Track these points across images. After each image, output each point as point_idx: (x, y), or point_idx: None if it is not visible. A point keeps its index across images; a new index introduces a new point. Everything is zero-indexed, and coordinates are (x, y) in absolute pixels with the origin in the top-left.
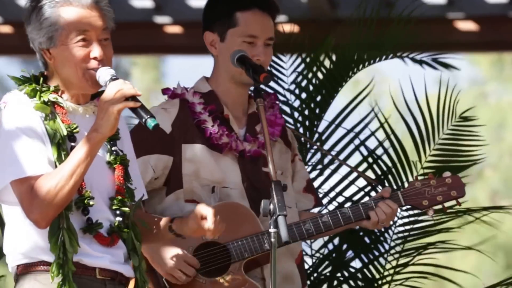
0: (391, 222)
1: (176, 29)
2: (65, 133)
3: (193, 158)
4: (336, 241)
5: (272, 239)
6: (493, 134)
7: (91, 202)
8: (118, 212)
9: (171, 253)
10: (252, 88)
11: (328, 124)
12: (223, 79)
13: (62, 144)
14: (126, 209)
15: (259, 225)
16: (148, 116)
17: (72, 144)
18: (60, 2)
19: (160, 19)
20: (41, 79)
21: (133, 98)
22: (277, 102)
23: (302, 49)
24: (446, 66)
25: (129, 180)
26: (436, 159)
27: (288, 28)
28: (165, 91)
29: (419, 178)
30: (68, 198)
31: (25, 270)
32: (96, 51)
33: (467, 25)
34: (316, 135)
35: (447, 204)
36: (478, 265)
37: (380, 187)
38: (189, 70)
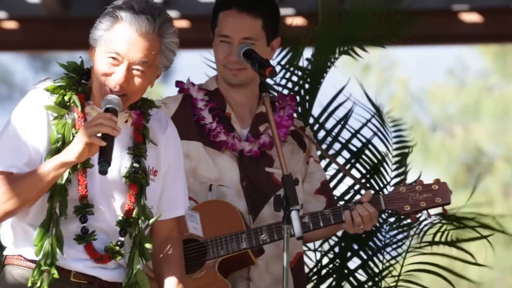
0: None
1: (184, 24)
2: (71, 138)
3: (190, 155)
4: (336, 238)
5: (285, 234)
6: (499, 125)
7: (91, 211)
8: (122, 231)
9: None
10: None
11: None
12: (220, 78)
13: (61, 150)
14: (128, 229)
15: (242, 225)
16: (102, 160)
17: None
18: (120, 16)
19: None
20: (78, 75)
21: (106, 136)
22: (292, 104)
23: (309, 42)
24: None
25: (142, 199)
26: None
27: (295, 21)
28: (177, 83)
29: (407, 183)
30: (14, 207)
31: (7, 262)
32: (117, 75)
33: (471, 17)
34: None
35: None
36: (491, 257)
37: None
38: (196, 65)
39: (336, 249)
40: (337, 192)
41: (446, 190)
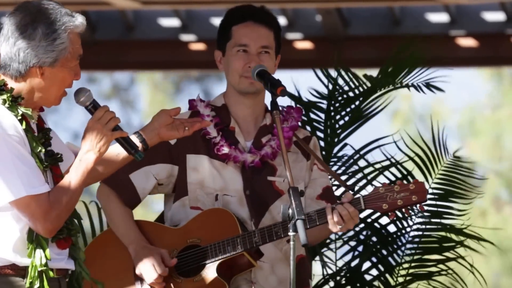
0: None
1: (200, 46)
2: (37, 144)
3: (198, 168)
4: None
5: (292, 242)
6: (494, 142)
7: None
8: None
9: (148, 254)
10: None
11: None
12: (231, 92)
13: (39, 154)
14: None
15: (238, 230)
16: (137, 148)
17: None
18: (69, 27)
19: (185, 37)
20: (9, 90)
21: (117, 127)
22: (297, 116)
23: (315, 65)
24: (437, 88)
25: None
26: (442, 182)
27: (303, 45)
28: (189, 101)
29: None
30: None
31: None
32: (79, 72)
33: (467, 42)
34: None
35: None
36: (487, 267)
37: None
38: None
39: (354, 263)
40: None
41: (423, 189)
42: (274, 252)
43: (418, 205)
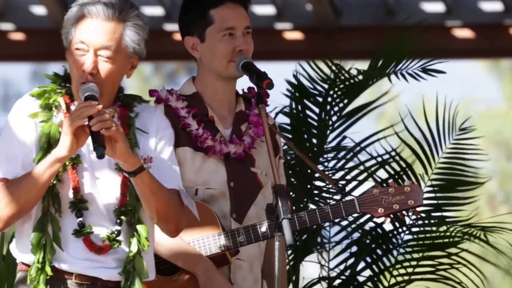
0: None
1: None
2: (58, 136)
3: (181, 161)
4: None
5: (277, 242)
6: (490, 137)
7: (86, 206)
8: (117, 221)
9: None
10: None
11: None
12: (209, 79)
13: (50, 148)
14: (123, 218)
15: (219, 226)
16: (96, 145)
17: None
18: (83, 8)
19: (170, 27)
20: (61, 79)
21: (91, 118)
22: (265, 100)
23: (305, 57)
24: (437, 71)
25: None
26: (444, 172)
27: (292, 35)
28: (152, 92)
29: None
30: (16, 211)
31: (18, 268)
32: (85, 63)
33: (464, 33)
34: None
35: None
36: (483, 269)
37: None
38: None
39: (349, 261)
40: None
41: (419, 192)
42: (253, 250)
43: (413, 209)
